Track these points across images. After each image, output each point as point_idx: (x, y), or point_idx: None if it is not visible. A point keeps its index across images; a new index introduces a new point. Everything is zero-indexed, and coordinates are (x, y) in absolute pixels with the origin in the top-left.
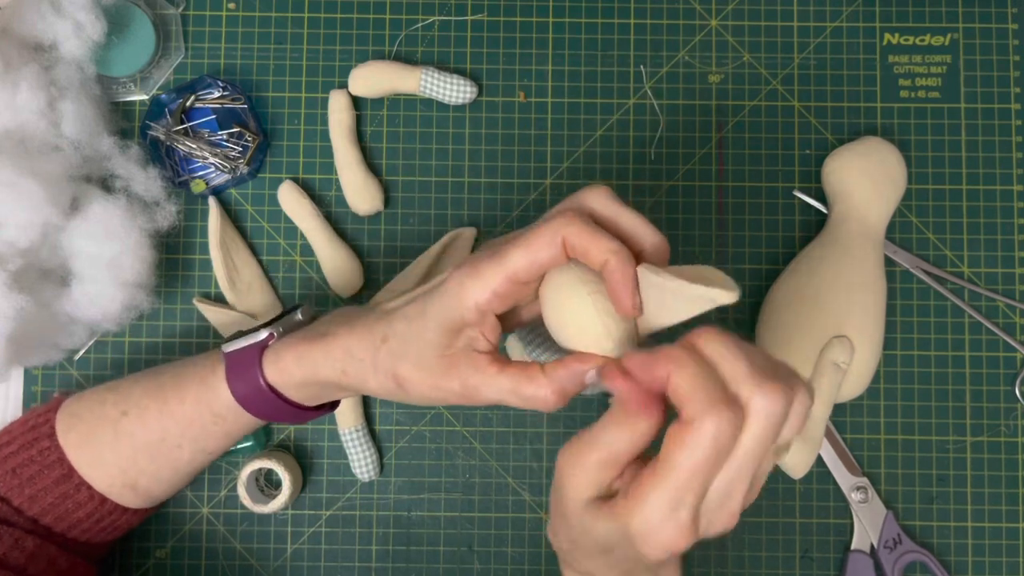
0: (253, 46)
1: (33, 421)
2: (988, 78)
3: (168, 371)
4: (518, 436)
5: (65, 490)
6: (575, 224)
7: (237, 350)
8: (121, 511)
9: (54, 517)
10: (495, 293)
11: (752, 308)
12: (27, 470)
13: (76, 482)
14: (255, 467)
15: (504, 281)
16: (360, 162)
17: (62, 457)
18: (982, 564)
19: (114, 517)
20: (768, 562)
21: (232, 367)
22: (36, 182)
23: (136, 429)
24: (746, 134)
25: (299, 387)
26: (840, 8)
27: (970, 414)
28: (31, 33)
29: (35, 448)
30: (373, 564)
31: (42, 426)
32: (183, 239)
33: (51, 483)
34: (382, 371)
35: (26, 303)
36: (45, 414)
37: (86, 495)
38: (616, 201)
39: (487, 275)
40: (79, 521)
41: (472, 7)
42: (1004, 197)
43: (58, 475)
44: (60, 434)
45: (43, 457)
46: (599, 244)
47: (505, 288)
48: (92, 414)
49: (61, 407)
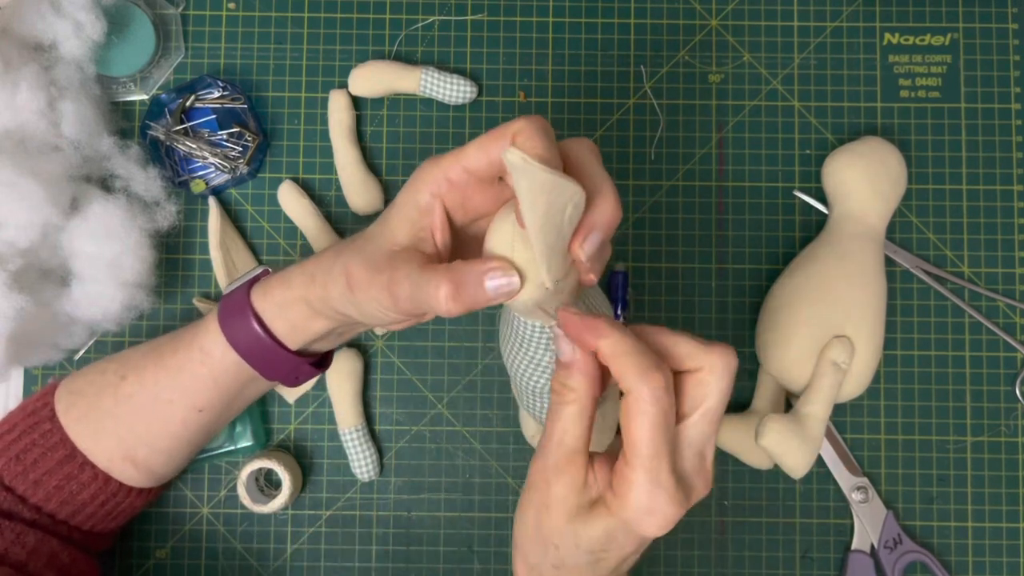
0: (253, 46)
1: (32, 406)
2: (988, 78)
3: (169, 333)
4: (518, 436)
5: (69, 471)
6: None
7: (233, 288)
8: (125, 492)
9: (59, 502)
10: (448, 178)
11: (752, 308)
12: (30, 454)
13: (80, 461)
14: (255, 467)
15: (458, 168)
16: (360, 162)
17: (64, 438)
18: (982, 564)
19: (118, 499)
20: (768, 562)
21: (224, 303)
22: (36, 182)
23: (135, 389)
24: (746, 134)
25: (278, 309)
26: (840, 8)
27: (970, 414)
28: (31, 33)
29: (37, 432)
30: (373, 564)
31: (41, 410)
32: (183, 239)
33: (55, 465)
34: (338, 268)
35: (26, 303)
36: (43, 398)
37: (90, 475)
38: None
39: (444, 162)
40: (84, 504)
41: (472, 7)
42: (1004, 197)
43: (61, 456)
44: (60, 413)
45: (45, 440)
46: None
47: (458, 175)
48: (93, 387)
49: (59, 387)
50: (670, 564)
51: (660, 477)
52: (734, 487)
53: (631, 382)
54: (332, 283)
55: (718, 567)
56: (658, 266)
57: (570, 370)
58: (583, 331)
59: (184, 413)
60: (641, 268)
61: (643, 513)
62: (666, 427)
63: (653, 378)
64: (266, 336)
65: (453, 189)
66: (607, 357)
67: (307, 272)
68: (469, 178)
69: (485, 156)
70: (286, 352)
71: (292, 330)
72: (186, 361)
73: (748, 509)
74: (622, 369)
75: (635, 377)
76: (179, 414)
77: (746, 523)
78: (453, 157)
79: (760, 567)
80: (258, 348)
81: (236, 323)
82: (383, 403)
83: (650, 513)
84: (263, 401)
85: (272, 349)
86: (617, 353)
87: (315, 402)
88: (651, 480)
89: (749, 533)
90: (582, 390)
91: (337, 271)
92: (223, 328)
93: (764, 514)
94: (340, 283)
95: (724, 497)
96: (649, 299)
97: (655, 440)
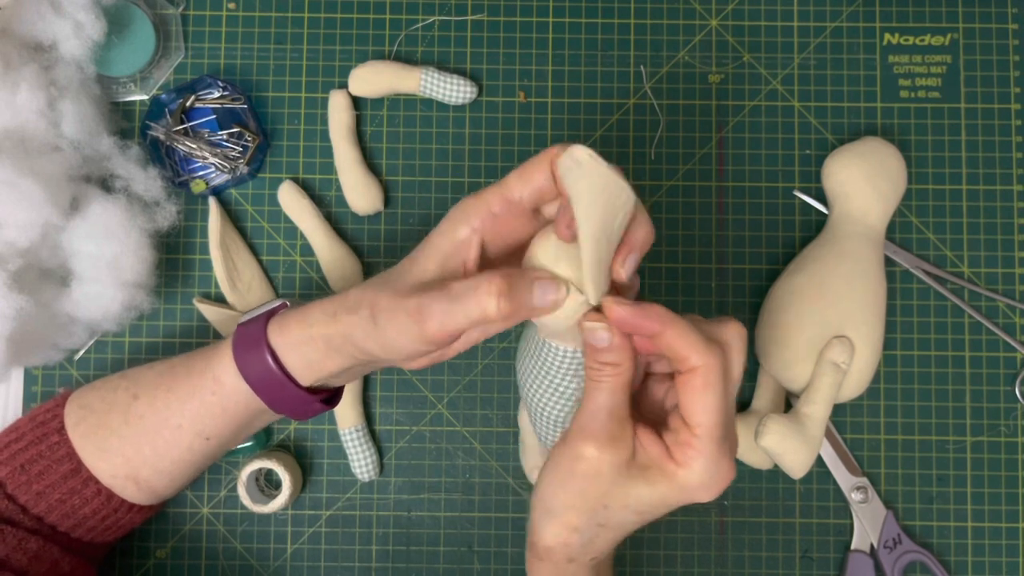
0: (253, 46)
1: (41, 417)
2: (988, 78)
3: (182, 355)
4: (518, 436)
5: (73, 485)
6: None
7: (249, 319)
8: (126, 508)
9: (60, 514)
10: (491, 212)
11: (752, 308)
12: (36, 466)
13: (84, 476)
14: (255, 467)
15: (501, 200)
16: (360, 162)
17: (71, 452)
18: (982, 564)
19: (119, 515)
20: (768, 562)
21: (239, 333)
22: (36, 182)
23: (146, 411)
24: (746, 134)
25: (295, 346)
26: (840, 8)
27: (970, 414)
28: (31, 33)
29: (44, 443)
30: (373, 564)
31: (51, 421)
32: (183, 239)
33: (59, 478)
34: (364, 304)
35: (26, 303)
36: (53, 409)
37: (93, 490)
38: None
39: (486, 195)
40: (85, 519)
41: (472, 7)
42: (1004, 197)
43: (67, 470)
44: (69, 427)
45: (52, 452)
46: None
47: (501, 206)
48: (104, 402)
49: (70, 399)
50: (670, 564)
51: (724, 448)
52: (734, 487)
53: (697, 358)
54: (356, 320)
55: (718, 567)
56: (658, 266)
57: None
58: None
59: (191, 439)
60: (641, 268)
61: (708, 482)
62: (729, 400)
63: (716, 352)
64: (280, 372)
65: (493, 222)
66: (671, 338)
67: (328, 311)
68: (510, 209)
69: (527, 184)
70: (298, 389)
71: (307, 367)
72: (198, 388)
73: (748, 509)
74: (687, 348)
75: (701, 353)
76: (186, 440)
77: (746, 523)
78: (496, 189)
79: (760, 567)
80: (271, 383)
81: (250, 357)
82: (383, 403)
83: (714, 482)
84: None
85: (285, 385)
86: (680, 333)
87: None
88: (718, 451)
89: (749, 533)
90: (626, 363)
91: (363, 307)
92: (237, 360)
93: (764, 514)
94: (364, 317)
95: (724, 497)
96: (649, 299)
97: (721, 412)
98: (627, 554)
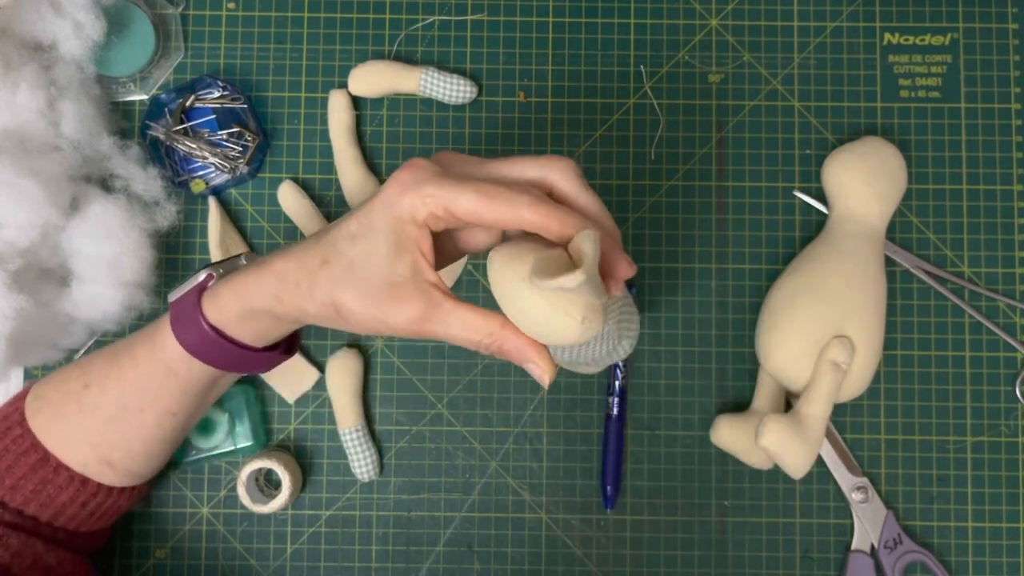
0: (253, 46)
1: (3, 412)
2: (988, 78)
3: (126, 338)
4: (518, 436)
5: (44, 475)
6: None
7: (178, 297)
8: (106, 492)
9: (38, 505)
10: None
11: (752, 308)
12: (3, 460)
13: (53, 465)
14: (255, 467)
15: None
16: (360, 162)
17: (35, 443)
18: (982, 564)
19: (99, 500)
20: (768, 562)
21: (175, 315)
22: (36, 182)
23: (99, 400)
24: (746, 134)
25: (238, 322)
26: (840, 8)
27: (970, 414)
28: (31, 33)
29: (8, 437)
30: (373, 564)
31: (12, 415)
32: (183, 239)
33: (28, 470)
34: (320, 298)
35: (26, 303)
36: (14, 403)
37: (65, 477)
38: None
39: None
40: (63, 507)
41: (472, 7)
42: (1004, 197)
43: (34, 460)
44: (29, 418)
45: (17, 445)
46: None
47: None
48: (58, 392)
49: (29, 392)
50: (670, 564)
51: None
52: (734, 487)
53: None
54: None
55: (718, 567)
56: (658, 266)
57: None
58: None
59: (156, 418)
60: (641, 268)
61: None
62: None
63: None
64: (232, 346)
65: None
66: None
67: (267, 290)
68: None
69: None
70: (255, 352)
71: (258, 337)
72: (150, 376)
73: (748, 509)
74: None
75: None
76: (151, 420)
77: (746, 523)
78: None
79: (760, 567)
80: (222, 355)
81: (196, 339)
82: (383, 403)
83: None
84: (263, 401)
85: (238, 353)
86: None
87: (315, 402)
88: None
89: (749, 533)
90: None
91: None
92: (184, 345)
93: (764, 514)
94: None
95: (724, 497)
96: (649, 299)
97: None
98: (627, 554)
